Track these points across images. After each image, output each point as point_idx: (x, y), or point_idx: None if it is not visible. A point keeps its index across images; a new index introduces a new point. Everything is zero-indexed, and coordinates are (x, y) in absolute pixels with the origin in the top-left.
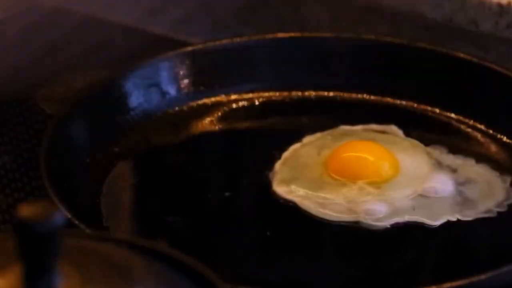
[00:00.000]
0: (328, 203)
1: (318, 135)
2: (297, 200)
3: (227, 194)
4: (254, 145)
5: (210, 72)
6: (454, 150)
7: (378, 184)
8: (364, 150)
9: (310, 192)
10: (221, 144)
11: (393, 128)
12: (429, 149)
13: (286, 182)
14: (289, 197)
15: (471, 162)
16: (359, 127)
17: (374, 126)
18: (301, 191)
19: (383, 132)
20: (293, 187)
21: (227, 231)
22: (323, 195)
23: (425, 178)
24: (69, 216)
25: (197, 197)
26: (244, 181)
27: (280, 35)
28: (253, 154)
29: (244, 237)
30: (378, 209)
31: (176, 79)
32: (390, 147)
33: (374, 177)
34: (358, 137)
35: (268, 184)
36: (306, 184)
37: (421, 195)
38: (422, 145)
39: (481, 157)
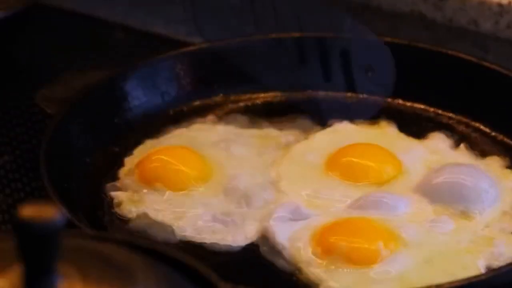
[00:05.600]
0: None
1: (319, 134)
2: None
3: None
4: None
5: (210, 72)
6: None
7: (379, 184)
8: (366, 152)
9: (313, 193)
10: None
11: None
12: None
13: (290, 182)
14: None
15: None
16: (358, 126)
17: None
18: (305, 191)
19: (381, 129)
20: (297, 187)
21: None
22: (326, 196)
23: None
24: (69, 216)
25: None
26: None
27: (280, 35)
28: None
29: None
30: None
31: (176, 79)
32: (391, 148)
33: (376, 178)
34: (358, 136)
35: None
36: (309, 184)
37: None
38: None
39: (481, 157)
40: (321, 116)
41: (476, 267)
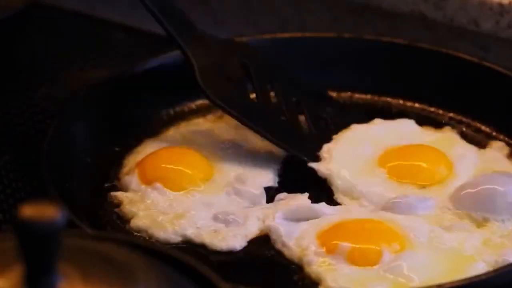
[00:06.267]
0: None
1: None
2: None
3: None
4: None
5: None
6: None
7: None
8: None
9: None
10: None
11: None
12: None
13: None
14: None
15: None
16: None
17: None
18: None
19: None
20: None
21: None
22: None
23: None
24: (70, 216)
25: None
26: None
27: (280, 35)
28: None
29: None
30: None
31: (176, 79)
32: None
33: (428, 181)
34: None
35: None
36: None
37: None
38: None
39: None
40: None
41: (478, 273)
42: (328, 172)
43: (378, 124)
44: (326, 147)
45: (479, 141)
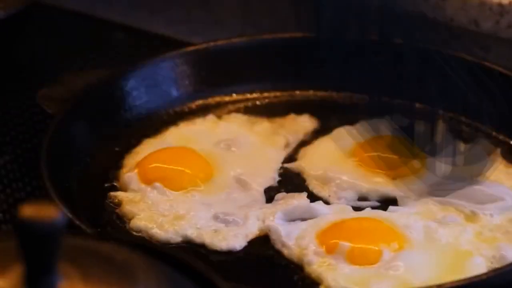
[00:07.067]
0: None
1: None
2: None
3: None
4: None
5: (211, 72)
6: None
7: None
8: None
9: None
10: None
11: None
12: None
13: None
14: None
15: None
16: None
17: None
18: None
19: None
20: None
21: None
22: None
23: None
24: (70, 216)
25: None
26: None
27: (280, 35)
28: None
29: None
30: None
31: (176, 79)
32: None
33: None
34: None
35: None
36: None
37: None
38: None
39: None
40: (321, 116)
41: (478, 269)
42: (301, 167)
43: (361, 124)
44: (302, 150)
45: (479, 141)
